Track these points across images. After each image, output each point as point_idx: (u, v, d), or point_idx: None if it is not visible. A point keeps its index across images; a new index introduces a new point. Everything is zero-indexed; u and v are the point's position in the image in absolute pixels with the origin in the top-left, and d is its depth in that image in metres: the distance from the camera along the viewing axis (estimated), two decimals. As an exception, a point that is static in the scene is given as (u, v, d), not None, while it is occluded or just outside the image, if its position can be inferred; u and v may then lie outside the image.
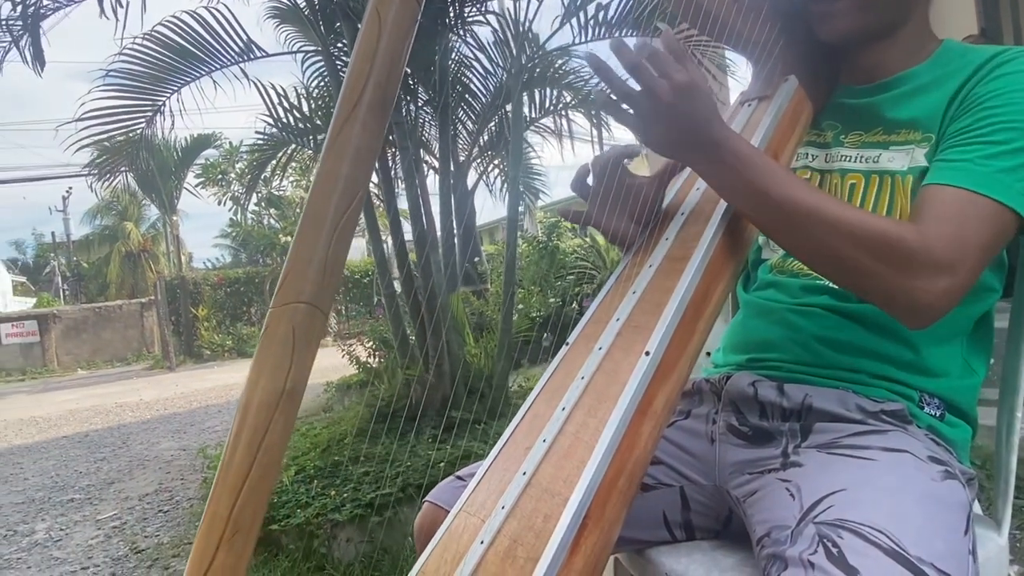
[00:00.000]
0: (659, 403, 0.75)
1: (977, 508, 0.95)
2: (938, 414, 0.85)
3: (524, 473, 0.75)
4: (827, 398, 0.84)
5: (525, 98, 4.98)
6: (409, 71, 3.18)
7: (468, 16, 3.35)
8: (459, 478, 0.93)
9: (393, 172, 3.23)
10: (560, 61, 4.36)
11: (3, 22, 2.61)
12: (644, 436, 0.74)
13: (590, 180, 0.93)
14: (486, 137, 5.45)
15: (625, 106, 0.76)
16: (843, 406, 0.83)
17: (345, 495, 2.27)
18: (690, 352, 0.79)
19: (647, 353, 0.76)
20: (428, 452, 2.43)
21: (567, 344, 0.88)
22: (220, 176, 14.67)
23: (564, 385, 0.81)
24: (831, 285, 0.88)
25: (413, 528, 0.96)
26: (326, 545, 2.21)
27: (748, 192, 0.76)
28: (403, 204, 3.21)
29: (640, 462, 0.73)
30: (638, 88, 0.74)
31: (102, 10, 2.46)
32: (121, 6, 2.51)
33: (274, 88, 3.42)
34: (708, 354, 1.08)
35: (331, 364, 4.96)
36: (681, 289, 0.80)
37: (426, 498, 0.95)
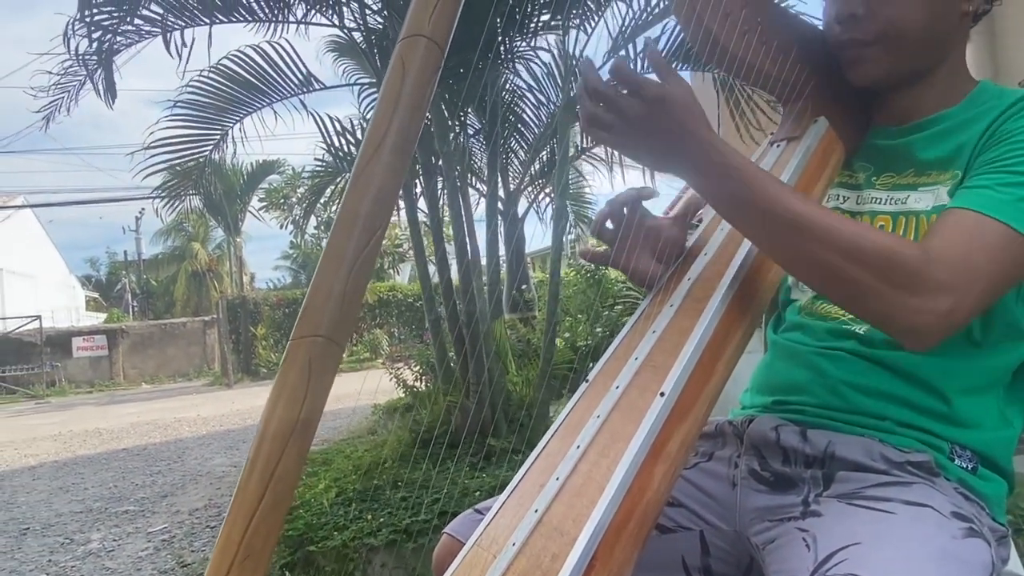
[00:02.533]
0: (673, 445, 0.75)
1: (1018, 567, 0.91)
2: (970, 467, 0.82)
3: (536, 510, 0.76)
4: (851, 446, 0.82)
5: (578, 127, 5.02)
6: (457, 102, 3.25)
7: (518, 50, 3.41)
8: (477, 511, 0.94)
9: (440, 201, 3.29)
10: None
11: (80, 56, 2.79)
12: (657, 478, 0.73)
13: (609, 224, 0.93)
14: (537, 166, 5.50)
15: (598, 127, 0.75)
16: (867, 455, 0.80)
17: (382, 520, 2.30)
18: (708, 394, 0.79)
19: (662, 394, 0.76)
20: (465, 480, 2.44)
21: (586, 381, 0.88)
22: (282, 200, 15.16)
23: (581, 423, 0.82)
24: (858, 329, 0.87)
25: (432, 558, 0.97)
26: (361, 569, 2.23)
27: (736, 201, 0.75)
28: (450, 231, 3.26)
29: (653, 505, 0.73)
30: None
31: (168, 50, 2.61)
32: (185, 45, 2.65)
33: (331, 119, 3.54)
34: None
35: (381, 387, 5.04)
36: (700, 330, 0.79)
37: (444, 529, 0.96)
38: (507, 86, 4.20)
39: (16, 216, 21.84)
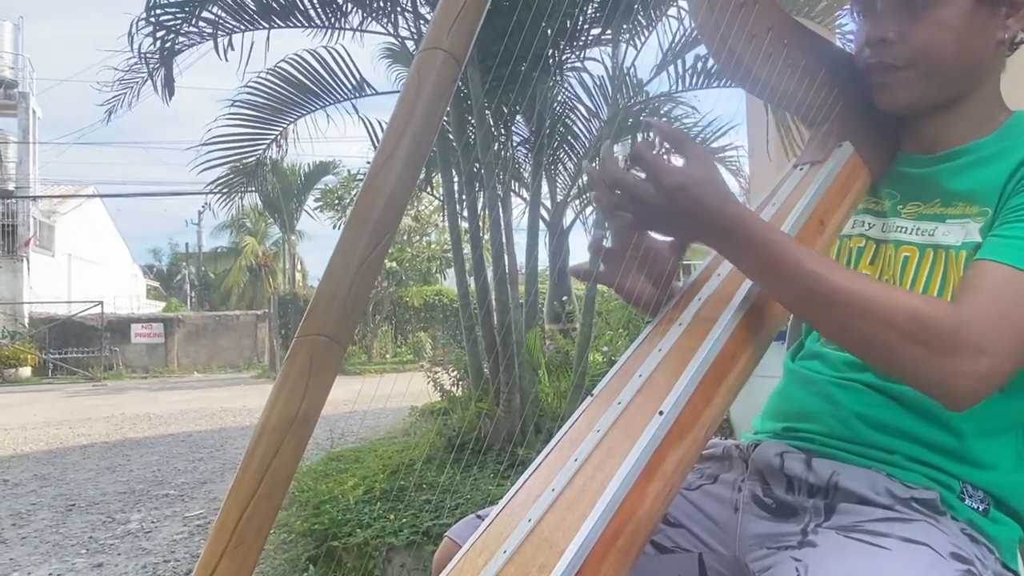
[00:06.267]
0: (669, 465, 0.75)
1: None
2: (981, 508, 0.79)
3: (529, 520, 0.76)
4: (856, 478, 0.80)
5: (629, 140, 5.01)
6: (505, 109, 3.29)
7: (568, 62, 3.43)
8: (479, 516, 0.95)
9: (481, 210, 3.33)
10: (664, 107, 4.37)
11: (143, 55, 2.92)
12: (650, 497, 0.73)
13: (607, 243, 0.94)
14: (586, 178, 5.50)
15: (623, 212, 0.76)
16: (872, 488, 0.79)
17: (404, 520, 2.33)
18: (709, 416, 0.78)
19: (661, 413, 0.76)
20: (489, 487, 2.45)
21: (592, 395, 0.88)
22: (337, 201, 15.46)
23: (581, 436, 0.82)
24: None
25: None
26: (381, 567, 2.26)
27: (766, 273, 0.75)
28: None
29: (645, 523, 0.72)
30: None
31: (217, 53, 2.72)
32: (232, 48, 2.75)
33: (380, 124, 3.61)
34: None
35: (420, 389, 5.09)
36: (704, 351, 0.79)
37: (446, 533, 0.97)
38: (558, 97, 4.23)
39: (87, 205, 22.82)
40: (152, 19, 2.76)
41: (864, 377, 0.85)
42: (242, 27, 2.96)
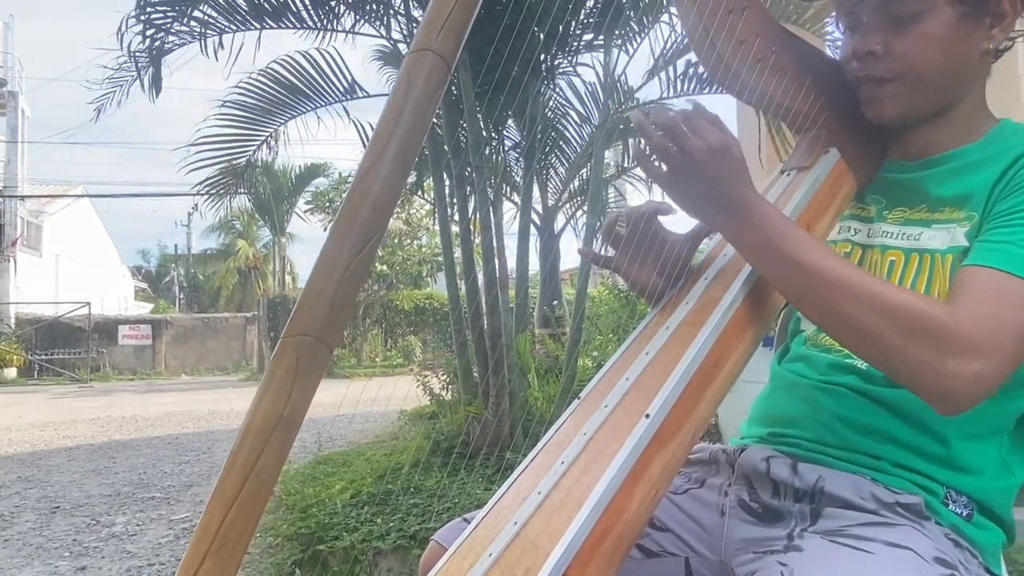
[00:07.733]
0: (655, 468, 0.75)
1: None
2: (964, 513, 0.80)
3: (515, 523, 0.76)
4: (841, 483, 0.80)
5: (621, 146, 5.02)
6: (494, 115, 3.29)
7: (559, 67, 3.44)
8: (465, 519, 0.95)
9: (472, 214, 3.32)
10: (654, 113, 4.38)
11: (132, 54, 2.91)
12: (636, 500, 0.73)
13: (620, 229, 0.94)
14: (577, 183, 5.51)
15: (658, 163, 0.77)
16: (857, 493, 0.79)
17: (391, 524, 2.32)
18: (695, 420, 0.78)
19: (647, 416, 0.76)
20: (477, 490, 2.45)
21: (579, 398, 0.88)
22: (327, 204, 15.42)
23: (568, 439, 0.82)
24: (859, 365, 0.85)
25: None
26: (367, 571, 2.25)
27: (773, 258, 0.76)
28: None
29: (630, 526, 0.72)
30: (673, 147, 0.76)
31: (203, 52, 2.71)
32: (223, 47, 2.74)
33: (371, 127, 3.61)
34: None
35: (410, 393, 5.08)
36: (690, 355, 0.79)
37: (432, 536, 0.97)
38: (550, 103, 4.23)
39: (75, 205, 22.66)
40: (142, 17, 2.75)
41: (848, 380, 0.86)
42: (233, 27, 2.96)
